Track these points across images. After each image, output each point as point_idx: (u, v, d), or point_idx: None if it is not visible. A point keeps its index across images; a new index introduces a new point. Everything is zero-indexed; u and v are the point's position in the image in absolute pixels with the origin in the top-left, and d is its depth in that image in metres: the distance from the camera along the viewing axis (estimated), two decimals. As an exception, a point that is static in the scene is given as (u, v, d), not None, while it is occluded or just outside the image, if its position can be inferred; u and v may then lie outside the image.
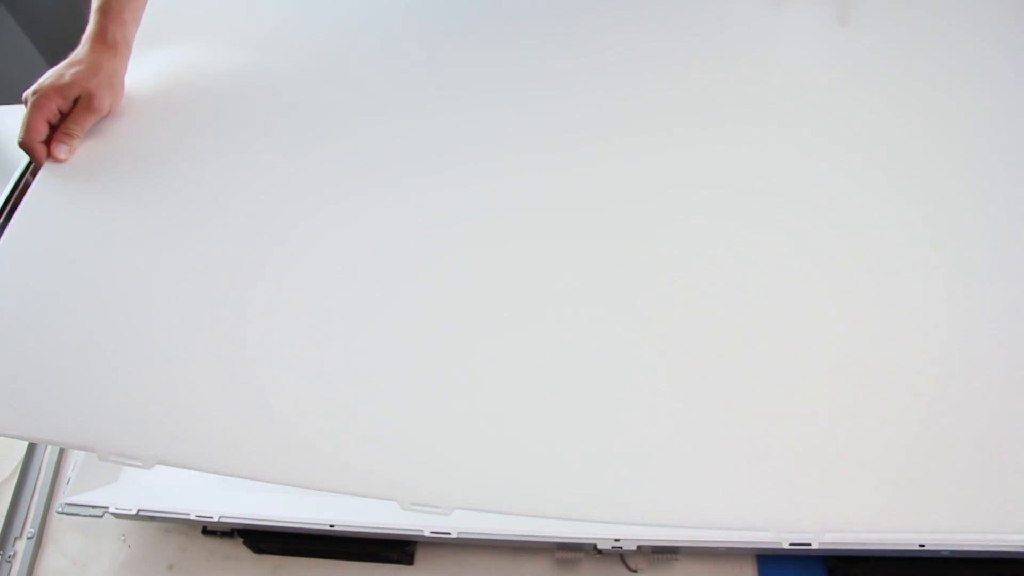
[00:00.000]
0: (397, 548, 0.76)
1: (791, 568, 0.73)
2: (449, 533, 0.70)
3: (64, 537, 0.82)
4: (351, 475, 0.58)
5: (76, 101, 0.75)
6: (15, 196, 0.82)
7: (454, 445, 0.58)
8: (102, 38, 0.76)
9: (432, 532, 0.70)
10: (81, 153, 0.75)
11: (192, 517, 0.74)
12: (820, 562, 0.73)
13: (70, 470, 0.79)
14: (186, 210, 0.71)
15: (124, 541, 0.81)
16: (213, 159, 0.75)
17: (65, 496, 0.77)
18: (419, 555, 0.77)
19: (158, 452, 0.58)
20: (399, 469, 0.58)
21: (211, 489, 0.79)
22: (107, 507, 0.75)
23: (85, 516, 0.76)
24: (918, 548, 0.65)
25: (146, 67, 0.82)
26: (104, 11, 0.76)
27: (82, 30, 0.78)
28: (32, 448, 0.87)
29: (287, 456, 0.59)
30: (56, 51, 0.80)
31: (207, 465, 0.59)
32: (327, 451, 0.59)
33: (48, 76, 0.75)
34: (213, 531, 0.80)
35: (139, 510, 0.74)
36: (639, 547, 0.69)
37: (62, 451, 0.86)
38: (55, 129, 0.74)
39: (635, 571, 0.73)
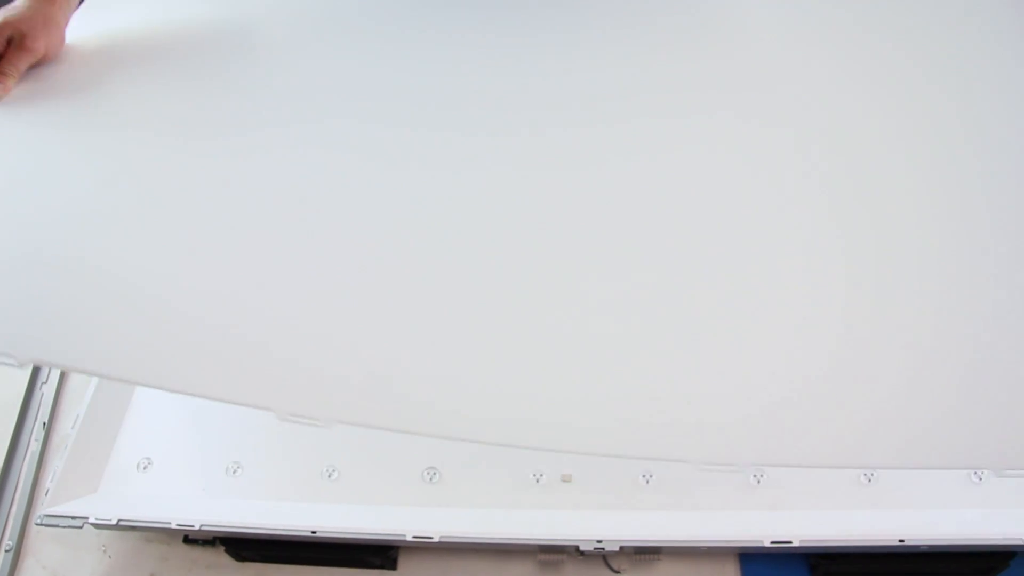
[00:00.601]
0: (380, 553, 0.76)
1: (773, 567, 0.74)
2: (431, 537, 0.70)
3: (43, 549, 0.81)
4: (227, 382, 0.55)
5: (10, 43, 0.74)
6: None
7: (338, 361, 0.56)
8: None
9: (414, 536, 0.70)
10: (17, 93, 0.73)
11: (173, 526, 0.73)
12: (802, 560, 0.73)
13: (48, 481, 0.79)
14: (118, 147, 0.69)
15: (104, 552, 0.80)
16: (156, 100, 0.73)
17: (44, 507, 0.76)
18: (402, 560, 0.77)
19: (32, 352, 0.56)
20: (279, 380, 0.55)
21: (192, 498, 0.78)
22: (87, 518, 0.74)
23: (64, 527, 0.75)
24: (897, 543, 0.66)
25: (97, 20, 0.80)
26: None
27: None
28: (10, 459, 0.86)
29: (165, 359, 0.57)
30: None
31: (81, 365, 0.58)
32: (206, 357, 0.56)
33: None
34: (195, 540, 0.79)
35: (119, 520, 0.74)
36: (621, 548, 0.69)
37: (40, 462, 0.85)
38: None
39: (618, 572, 0.73)
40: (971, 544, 0.66)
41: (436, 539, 0.70)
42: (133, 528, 0.76)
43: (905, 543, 0.66)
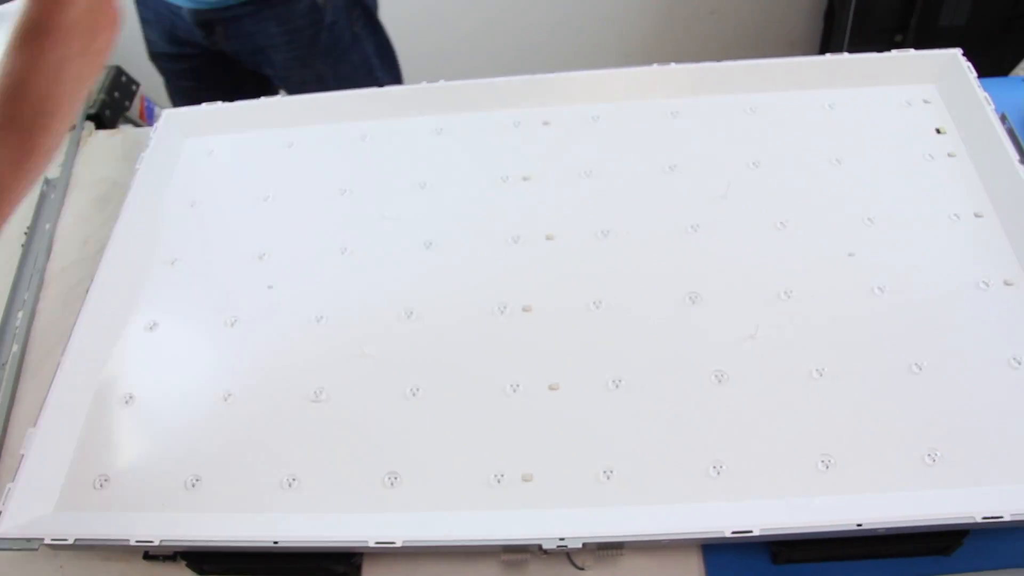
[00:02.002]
0: (343, 561, 0.75)
1: (735, 555, 0.74)
2: (394, 542, 0.69)
3: (-2, 573, 0.80)
4: None
5: None
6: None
7: None
8: None
9: (377, 543, 0.70)
10: None
11: (132, 543, 0.72)
12: (763, 547, 0.74)
13: (1, 503, 0.77)
14: None
15: (61, 572, 0.79)
16: None
17: (-3, 530, 0.75)
18: (366, 567, 0.77)
19: None
20: None
21: (151, 513, 0.77)
22: (42, 539, 0.73)
23: (18, 550, 0.74)
24: (856, 527, 0.66)
25: None
26: None
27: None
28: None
29: None
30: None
31: None
32: None
33: None
34: (155, 556, 0.78)
35: (76, 539, 0.72)
36: (584, 544, 0.69)
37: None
38: None
39: (582, 568, 0.74)
40: (927, 525, 0.67)
41: (399, 544, 0.69)
42: (91, 547, 0.75)
43: (863, 527, 0.66)
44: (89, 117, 1.23)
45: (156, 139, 1.06)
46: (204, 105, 1.10)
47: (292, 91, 1.40)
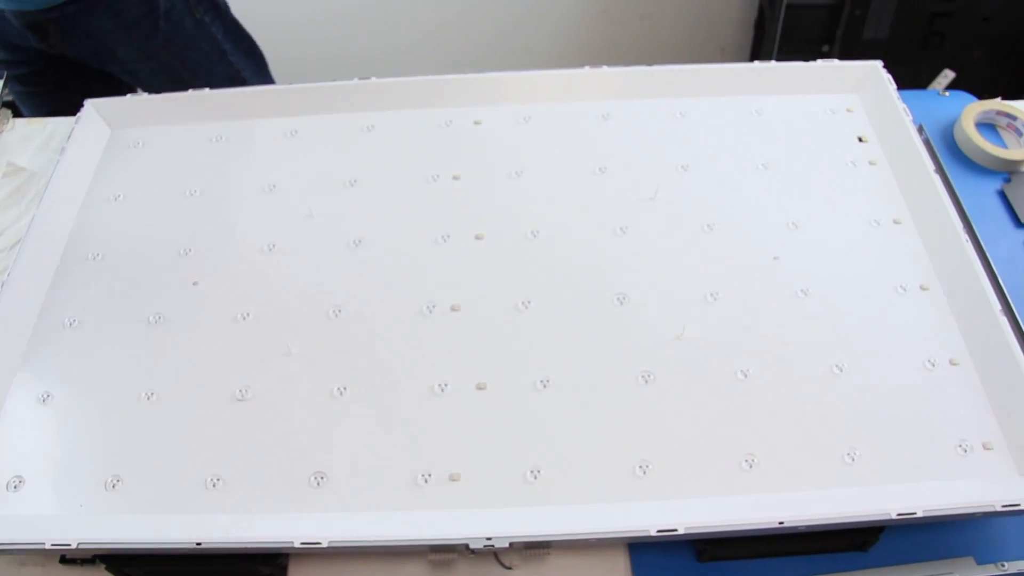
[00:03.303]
0: (268, 562, 0.74)
1: (661, 553, 0.75)
2: (320, 543, 0.68)
3: (-96, 581, 0.77)
4: None
5: None
6: None
7: None
8: None
9: (302, 543, 0.69)
10: None
11: (48, 546, 0.70)
12: (688, 546, 0.75)
13: (-95, 506, 0.74)
14: None
15: (-27, 578, 0.77)
16: None
17: (-97, 537, 0.72)
18: (292, 568, 0.76)
19: None
20: None
21: (70, 515, 0.75)
22: (-50, 544, 0.71)
23: (-75, 556, 0.71)
24: (777, 525, 0.68)
25: None
26: None
27: None
28: None
29: None
30: None
31: None
32: None
33: None
34: (72, 560, 0.76)
35: (-12, 544, 0.70)
36: (511, 544, 0.69)
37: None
38: None
39: (509, 568, 0.74)
40: (845, 522, 0.68)
41: (325, 544, 0.69)
42: (3, 552, 0.72)
43: (785, 525, 0.68)
44: (6, 104, 1.19)
45: (79, 129, 1.03)
46: (130, 96, 1.07)
47: (144, 87, 1.35)
